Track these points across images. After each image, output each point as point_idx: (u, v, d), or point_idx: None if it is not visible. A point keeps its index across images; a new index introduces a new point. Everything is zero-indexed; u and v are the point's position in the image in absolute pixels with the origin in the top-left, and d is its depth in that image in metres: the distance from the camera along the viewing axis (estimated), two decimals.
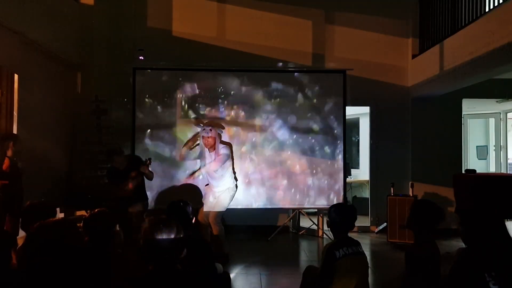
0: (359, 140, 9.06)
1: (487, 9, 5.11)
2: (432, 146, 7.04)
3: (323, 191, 6.44)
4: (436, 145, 7.04)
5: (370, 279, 3.33)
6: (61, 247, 1.86)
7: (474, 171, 5.80)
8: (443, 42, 6.04)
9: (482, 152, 9.12)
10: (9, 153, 4.50)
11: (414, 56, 7.03)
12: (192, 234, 3.01)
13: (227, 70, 6.54)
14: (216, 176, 5.34)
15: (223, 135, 5.80)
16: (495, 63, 4.97)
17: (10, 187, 4.40)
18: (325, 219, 6.18)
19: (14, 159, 4.55)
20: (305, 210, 6.89)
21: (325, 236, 6.65)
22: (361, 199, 8.28)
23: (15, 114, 5.06)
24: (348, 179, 7.55)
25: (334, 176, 6.46)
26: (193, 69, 6.52)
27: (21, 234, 3.34)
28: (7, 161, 4.45)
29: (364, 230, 6.99)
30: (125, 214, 5.06)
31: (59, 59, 6.16)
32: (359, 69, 6.76)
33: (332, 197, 6.44)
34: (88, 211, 4.42)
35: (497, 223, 2.22)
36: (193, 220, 3.22)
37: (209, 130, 5.30)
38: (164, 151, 6.31)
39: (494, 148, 8.92)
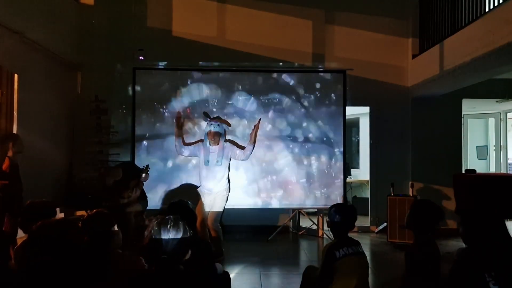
0: (359, 140, 9.06)
1: (487, 9, 5.10)
2: (432, 146, 7.03)
3: (323, 191, 6.44)
4: (436, 145, 7.04)
5: (370, 279, 3.33)
6: (63, 246, 1.86)
7: (474, 171, 5.80)
8: (443, 42, 6.04)
9: (482, 152, 9.12)
10: (9, 153, 4.50)
11: (414, 56, 7.03)
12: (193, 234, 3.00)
13: (227, 70, 6.54)
14: (217, 177, 5.34)
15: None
16: (495, 63, 4.97)
17: (10, 187, 4.40)
18: (325, 219, 6.19)
19: (14, 159, 4.55)
20: (305, 210, 6.89)
21: (325, 236, 6.65)
22: (361, 199, 8.28)
23: (15, 114, 5.06)
24: (348, 179, 7.55)
25: (334, 176, 6.46)
26: (193, 69, 6.52)
27: (20, 234, 3.34)
28: (7, 161, 4.45)
29: (364, 230, 6.99)
30: (124, 214, 5.06)
31: (59, 59, 6.16)
32: (359, 69, 6.76)
33: (332, 197, 6.44)
34: (88, 211, 4.43)
35: (497, 223, 2.22)
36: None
37: (217, 125, 5.32)
38: (164, 151, 6.31)
39: (494, 148, 8.92)
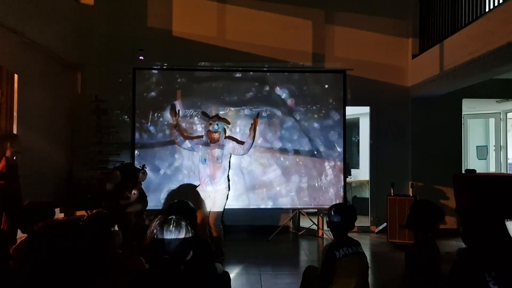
0: (359, 140, 9.06)
1: (487, 9, 5.11)
2: (432, 146, 7.04)
3: (323, 191, 6.45)
4: (436, 145, 7.04)
5: (370, 279, 3.33)
6: (63, 247, 1.86)
7: (474, 171, 5.80)
8: (443, 42, 6.04)
9: (482, 152, 9.12)
10: (7, 153, 4.49)
11: (414, 56, 7.03)
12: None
13: (227, 70, 6.55)
14: (217, 175, 5.35)
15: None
16: (495, 63, 4.97)
17: (7, 187, 4.39)
18: (325, 219, 6.19)
19: (12, 159, 4.54)
20: (305, 210, 6.89)
21: (325, 236, 6.65)
22: (361, 199, 8.28)
23: (15, 114, 5.06)
24: (348, 179, 7.55)
25: (334, 176, 6.46)
26: (193, 69, 6.53)
27: (20, 234, 3.34)
28: (3, 161, 4.43)
29: (364, 230, 6.99)
30: (124, 214, 5.06)
31: (59, 59, 6.15)
32: (359, 69, 6.76)
33: (332, 197, 6.44)
34: (88, 212, 4.43)
35: (497, 223, 2.22)
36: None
37: (216, 125, 5.41)
38: (163, 151, 6.31)
39: (494, 148, 8.92)
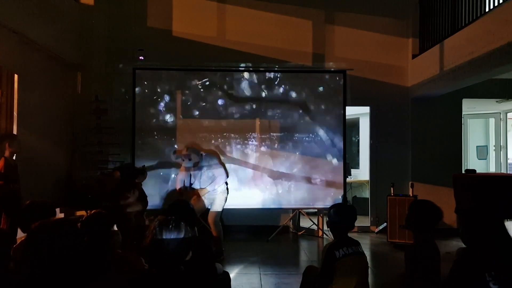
0: (359, 140, 9.06)
1: (487, 9, 5.11)
2: (432, 146, 7.04)
3: (323, 191, 6.45)
4: (436, 145, 7.04)
5: (370, 279, 3.33)
6: (61, 246, 1.86)
7: (474, 171, 5.79)
8: (443, 42, 6.04)
9: (482, 152, 9.11)
10: (5, 153, 4.48)
11: (414, 56, 7.03)
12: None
13: (227, 70, 6.55)
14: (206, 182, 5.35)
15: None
16: (495, 63, 4.97)
17: (6, 187, 4.39)
18: (325, 219, 6.19)
19: (11, 159, 4.54)
20: (305, 210, 6.89)
21: (325, 236, 6.65)
22: (361, 199, 8.28)
23: (15, 114, 5.06)
24: (348, 179, 7.55)
25: (334, 176, 6.46)
26: (193, 69, 6.53)
27: (20, 234, 3.34)
28: (2, 161, 4.43)
29: (364, 230, 6.99)
30: (124, 214, 5.05)
31: (59, 59, 6.16)
32: (359, 69, 6.76)
33: (332, 197, 6.44)
34: (88, 211, 4.43)
35: (497, 223, 2.22)
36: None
37: (188, 160, 5.21)
38: (163, 151, 6.32)
39: (494, 148, 8.92)
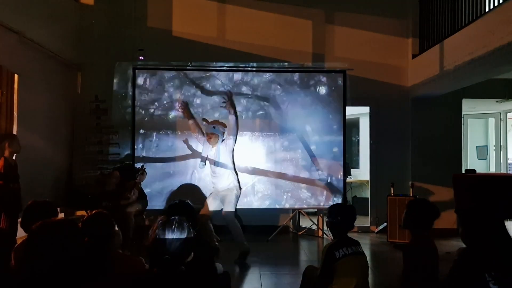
0: (359, 140, 9.06)
1: (487, 9, 5.11)
2: (432, 146, 7.03)
3: (323, 191, 6.45)
4: (436, 145, 7.04)
5: (370, 279, 3.33)
6: (62, 246, 1.86)
7: (474, 171, 5.80)
8: (443, 42, 6.04)
9: (482, 152, 9.11)
10: (5, 153, 4.48)
11: (414, 56, 7.03)
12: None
13: (227, 70, 6.54)
14: (217, 173, 5.36)
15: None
16: (495, 63, 4.97)
17: (6, 187, 4.39)
18: (325, 219, 6.19)
19: (11, 159, 4.54)
20: (305, 210, 6.89)
21: (325, 236, 6.65)
22: (361, 199, 8.28)
23: (15, 114, 5.06)
24: (348, 179, 7.55)
25: (334, 176, 6.46)
26: (193, 69, 6.52)
27: (20, 234, 3.34)
28: (2, 161, 4.43)
29: (364, 230, 6.99)
30: (124, 214, 5.06)
31: (59, 59, 6.15)
32: (359, 69, 6.75)
33: (332, 197, 6.44)
34: (88, 211, 4.43)
35: (497, 223, 2.22)
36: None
37: (213, 127, 5.42)
38: (163, 151, 6.32)
39: (494, 148, 8.92)
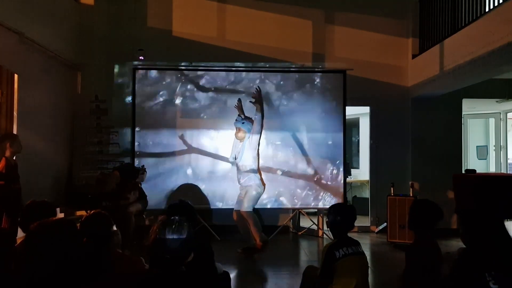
0: (359, 140, 9.06)
1: (487, 9, 5.11)
2: (432, 146, 7.03)
3: (323, 191, 6.45)
4: (436, 145, 7.04)
5: (370, 279, 3.33)
6: (60, 246, 1.86)
7: (474, 171, 5.79)
8: (443, 42, 6.04)
9: (482, 152, 9.11)
10: (6, 153, 4.48)
11: (414, 56, 7.03)
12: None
13: (227, 70, 6.55)
14: (241, 169, 5.41)
15: None
16: (495, 63, 4.97)
17: (7, 187, 4.39)
18: (325, 219, 6.19)
19: (12, 159, 4.53)
20: (305, 210, 6.89)
21: (325, 236, 6.65)
22: (361, 199, 8.28)
23: (15, 114, 5.06)
24: (348, 179, 7.55)
25: (334, 176, 6.46)
26: (193, 69, 6.53)
27: (20, 234, 3.34)
28: (3, 161, 4.43)
29: (364, 230, 6.99)
30: (124, 214, 5.06)
31: (59, 59, 6.15)
32: (359, 69, 6.76)
33: (332, 197, 6.44)
34: (88, 211, 4.43)
35: (497, 223, 2.22)
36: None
37: (242, 123, 5.37)
38: (163, 151, 6.32)
39: (494, 148, 8.92)
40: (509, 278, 2.03)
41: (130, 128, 6.38)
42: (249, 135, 5.44)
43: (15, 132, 4.97)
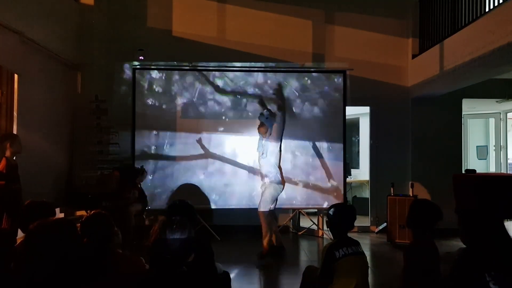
0: (359, 140, 9.06)
1: (487, 9, 5.11)
2: (432, 146, 7.04)
3: (323, 191, 6.45)
4: (436, 145, 7.04)
5: (370, 279, 3.33)
6: (60, 246, 1.86)
7: (474, 171, 5.79)
8: (443, 42, 6.04)
9: (482, 152, 9.11)
10: (6, 153, 4.48)
11: (414, 56, 7.03)
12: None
13: (227, 70, 6.55)
14: (262, 166, 5.39)
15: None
16: (495, 63, 4.97)
17: (7, 188, 4.39)
18: (325, 219, 6.19)
19: (12, 159, 4.53)
20: (305, 210, 6.89)
21: (325, 236, 6.65)
22: (361, 199, 8.28)
23: (15, 114, 5.06)
24: (348, 179, 7.56)
25: (334, 176, 6.46)
26: (193, 69, 6.53)
27: (20, 234, 3.34)
28: (4, 161, 4.43)
29: (364, 230, 6.99)
30: (124, 214, 5.06)
31: (59, 59, 6.15)
32: (359, 69, 6.76)
33: (332, 197, 6.44)
34: (88, 211, 4.43)
35: (497, 223, 2.22)
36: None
37: (266, 118, 5.31)
38: (163, 151, 6.32)
39: (494, 148, 8.92)
40: (509, 278, 2.03)
41: (130, 128, 6.38)
42: (271, 131, 5.37)
43: (15, 132, 4.97)
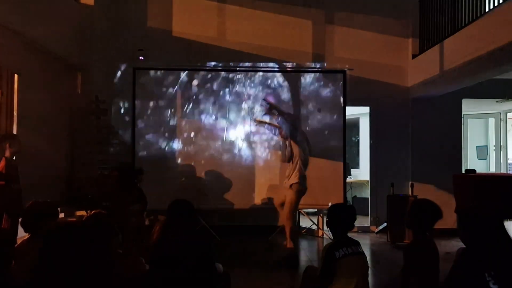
0: (359, 140, 9.07)
1: (487, 9, 5.11)
2: (432, 146, 7.04)
3: (323, 191, 6.44)
4: (436, 145, 7.04)
5: (370, 279, 3.33)
6: (78, 250, 1.85)
7: (474, 171, 5.78)
8: (443, 42, 6.04)
9: (482, 152, 9.11)
10: (6, 153, 4.48)
11: (414, 56, 7.03)
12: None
13: (227, 70, 6.55)
14: (287, 172, 5.55)
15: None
16: (495, 63, 4.97)
17: (7, 188, 4.39)
18: (325, 219, 6.19)
19: (12, 159, 4.53)
20: (305, 210, 6.89)
21: (325, 236, 6.65)
22: (361, 199, 8.28)
23: (15, 114, 5.06)
24: (348, 179, 7.55)
25: (334, 176, 6.46)
26: (193, 69, 6.52)
27: (20, 234, 3.34)
28: (3, 162, 4.43)
29: (364, 230, 6.99)
30: (124, 214, 5.05)
31: (59, 59, 6.15)
32: (359, 69, 6.76)
33: (332, 197, 6.43)
34: (88, 211, 4.43)
35: (497, 223, 2.22)
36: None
37: (279, 118, 5.60)
38: (163, 151, 6.32)
39: (494, 148, 8.92)
40: (509, 278, 2.03)
41: (130, 128, 6.38)
42: (288, 135, 5.61)
43: (15, 132, 4.97)
